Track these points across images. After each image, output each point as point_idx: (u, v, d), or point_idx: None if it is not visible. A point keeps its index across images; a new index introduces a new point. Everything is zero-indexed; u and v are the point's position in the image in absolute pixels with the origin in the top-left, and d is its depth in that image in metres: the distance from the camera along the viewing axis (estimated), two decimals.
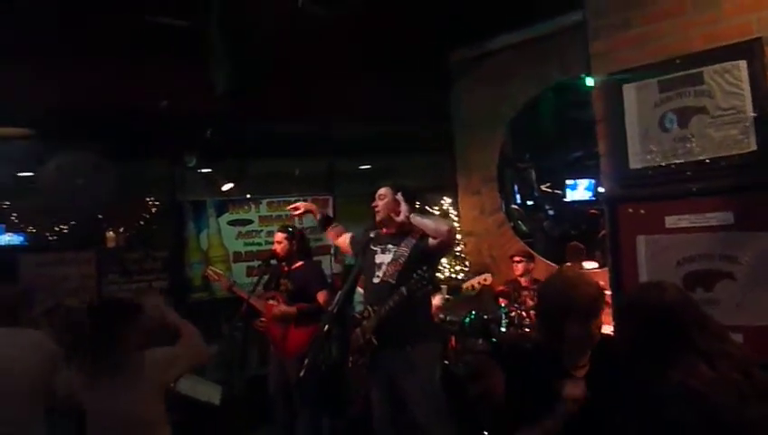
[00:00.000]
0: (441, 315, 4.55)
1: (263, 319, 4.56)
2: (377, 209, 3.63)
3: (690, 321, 1.86)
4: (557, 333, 2.14)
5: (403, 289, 3.25)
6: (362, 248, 3.71)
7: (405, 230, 3.51)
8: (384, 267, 3.50)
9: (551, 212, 9.16)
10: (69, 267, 5.21)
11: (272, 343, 4.60)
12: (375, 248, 3.61)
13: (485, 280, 4.44)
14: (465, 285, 4.45)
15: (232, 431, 4.35)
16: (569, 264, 5.48)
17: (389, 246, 3.55)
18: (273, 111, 5.82)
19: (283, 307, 4.49)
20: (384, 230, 3.64)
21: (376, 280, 3.52)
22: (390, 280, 3.44)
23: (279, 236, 4.63)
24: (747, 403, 1.75)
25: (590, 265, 5.41)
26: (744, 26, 2.58)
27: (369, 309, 3.47)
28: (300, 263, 4.63)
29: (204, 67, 5.15)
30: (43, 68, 4.85)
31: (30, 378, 2.89)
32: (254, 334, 5.06)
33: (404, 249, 3.47)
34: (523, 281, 4.90)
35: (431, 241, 3.39)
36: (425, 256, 3.43)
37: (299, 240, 4.63)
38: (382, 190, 3.65)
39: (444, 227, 3.40)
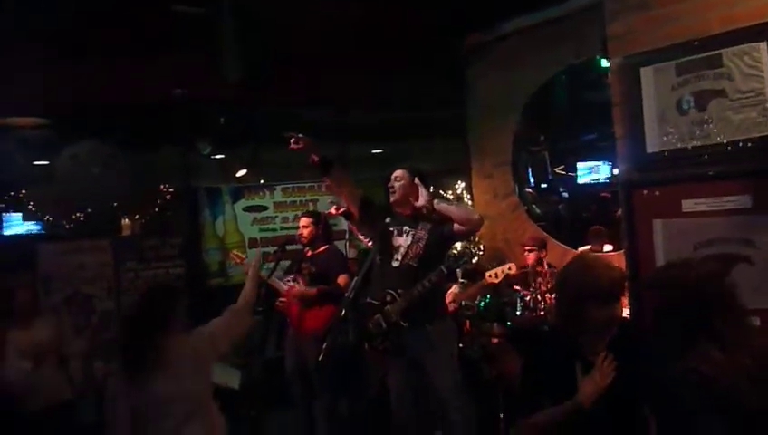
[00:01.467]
0: (460, 302, 4.54)
1: (282, 298, 4.61)
2: (392, 190, 3.61)
3: (711, 302, 1.85)
4: (576, 318, 2.14)
5: (443, 267, 3.30)
6: (380, 233, 3.67)
7: (420, 213, 3.52)
8: (403, 250, 3.51)
9: (564, 195, 9.12)
10: (86, 256, 5.27)
11: (290, 323, 4.66)
12: (392, 229, 3.60)
13: (510, 268, 4.42)
14: (488, 274, 4.43)
15: (250, 416, 4.40)
16: (588, 247, 5.47)
17: (406, 227, 3.55)
18: (286, 97, 5.83)
19: (303, 288, 4.54)
20: (399, 211, 3.64)
21: (395, 263, 3.52)
22: (412, 263, 3.46)
23: (305, 220, 4.67)
24: (759, 389, 1.75)
25: (606, 247, 5.40)
26: (763, 8, 2.55)
27: (393, 293, 3.47)
28: (323, 247, 4.68)
29: (216, 54, 5.17)
30: (58, 57, 4.87)
31: None
32: (273, 319, 5.13)
33: (422, 232, 3.49)
34: (538, 268, 4.87)
35: (456, 227, 3.40)
36: (444, 239, 3.47)
37: (323, 224, 4.68)
38: (398, 172, 3.63)
39: (475, 216, 3.49)
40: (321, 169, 3.74)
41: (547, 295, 4.57)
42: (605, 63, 4.08)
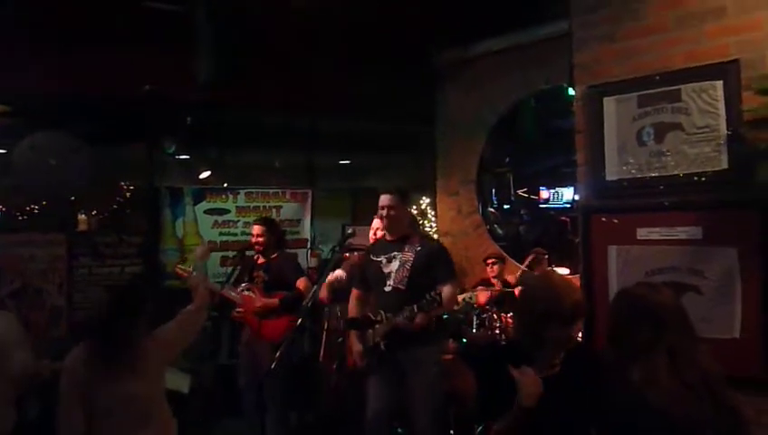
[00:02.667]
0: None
1: (239, 309, 4.55)
2: (383, 220, 3.68)
3: (673, 326, 1.94)
4: (536, 335, 2.19)
5: (415, 307, 3.32)
6: (363, 266, 3.81)
7: (406, 235, 3.64)
8: (393, 275, 3.58)
9: (525, 217, 9.25)
10: (38, 249, 5.13)
11: (250, 332, 4.59)
12: (379, 259, 3.67)
13: (472, 298, 4.52)
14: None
15: (200, 421, 4.33)
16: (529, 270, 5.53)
17: (394, 253, 3.63)
18: (255, 102, 5.80)
19: (265, 300, 4.48)
20: (389, 238, 3.71)
21: (387, 289, 3.59)
22: (400, 286, 3.53)
23: (257, 228, 4.63)
24: (704, 414, 1.81)
25: (561, 271, 5.47)
26: (723, 48, 2.66)
27: (383, 314, 3.53)
28: (275, 254, 4.65)
29: (188, 54, 5.13)
30: (25, 47, 4.77)
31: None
32: (226, 325, 5.06)
33: (409, 254, 3.57)
34: (494, 282, 4.98)
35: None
36: (428, 261, 3.54)
37: (276, 232, 4.67)
38: (389, 201, 3.65)
39: (453, 303, 3.65)
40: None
41: (502, 314, 4.62)
42: (572, 92, 4.19)
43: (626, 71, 2.95)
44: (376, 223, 4.47)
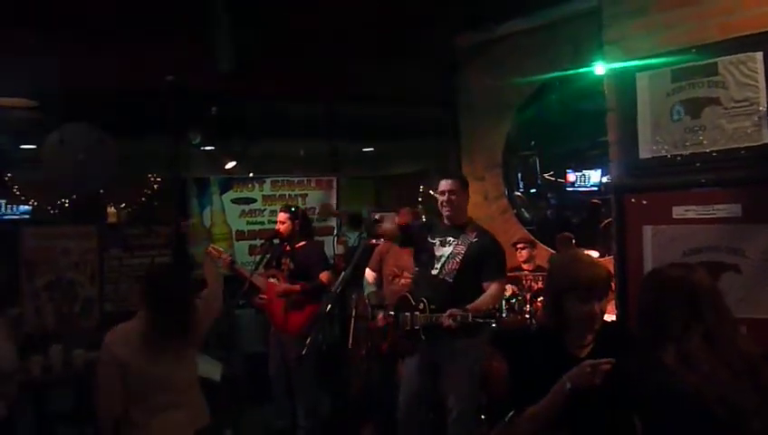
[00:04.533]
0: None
1: (262, 295, 4.59)
2: (445, 205, 3.60)
3: (708, 305, 1.87)
4: (558, 311, 2.15)
5: (451, 321, 3.26)
6: (417, 235, 3.74)
7: (464, 223, 3.59)
8: (443, 261, 3.53)
9: (553, 201, 9.16)
10: (70, 241, 5.19)
11: (271, 321, 4.63)
12: (434, 241, 3.62)
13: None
14: None
15: (232, 409, 4.36)
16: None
17: (449, 238, 3.58)
18: (276, 91, 5.80)
19: (286, 285, 4.52)
20: (445, 222, 3.65)
21: (434, 271, 3.54)
22: (448, 278, 3.49)
23: (282, 215, 4.65)
24: (744, 397, 1.75)
25: (592, 253, 5.41)
26: (761, 18, 2.56)
27: (425, 302, 3.50)
28: (302, 243, 4.65)
29: (210, 44, 5.14)
30: (50, 40, 4.81)
31: None
32: (256, 313, 5.09)
33: (461, 247, 3.51)
34: (525, 267, 4.91)
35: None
36: (479, 257, 3.48)
37: (302, 220, 4.65)
38: (451, 185, 3.59)
39: (497, 299, 3.48)
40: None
41: (533, 298, 4.57)
42: (598, 72, 4.11)
43: (658, 45, 2.87)
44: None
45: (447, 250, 3.54)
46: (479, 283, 3.46)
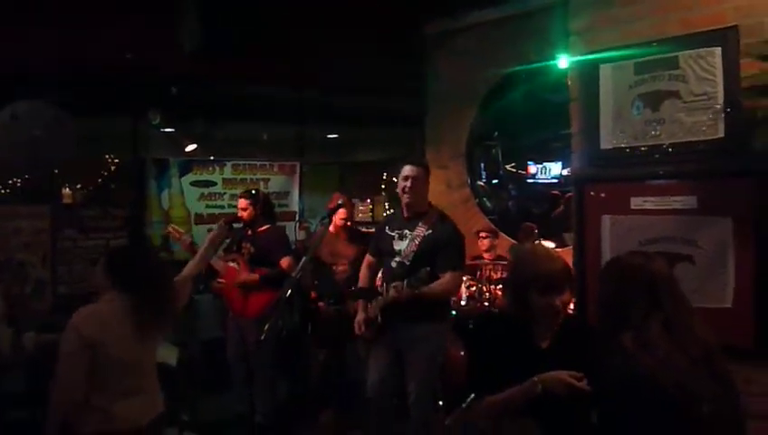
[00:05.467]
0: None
1: (220, 280, 4.53)
2: (405, 192, 3.57)
3: (666, 293, 1.92)
4: (521, 304, 2.18)
5: (405, 282, 3.31)
6: (376, 236, 3.80)
7: (422, 212, 3.58)
8: (402, 251, 3.54)
9: (514, 192, 9.25)
10: (21, 221, 5.04)
11: (229, 306, 4.58)
12: (392, 234, 3.64)
13: None
14: None
15: (189, 394, 4.30)
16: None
17: (406, 231, 3.58)
18: (242, 74, 5.70)
19: (246, 275, 4.46)
20: (405, 214, 3.64)
21: (393, 264, 3.56)
22: (405, 261, 3.50)
23: (242, 202, 4.57)
24: (699, 383, 1.80)
25: (547, 244, 5.49)
26: (721, 14, 2.62)
27: (384, 287, 3.55)
28: (265, 227, 4.59)
29: (173, 23, 5.00)
30: (6, 18, 4.62)
31: None
32: (214, 298, 5.02)
33: (421, 229, 3.52)
34: (486, 256, 4.96)
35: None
36: (435, 246, 3.48)
37: (263, 203, 4.60)
38: (412, 171, 3.56)
39: (452, 286, 3.55)
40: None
41: (492, 287, 4.62)
42: (562, 65, 4.15)
43: (621, 37, 2.91)
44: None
45: (404, 244, 3.55)
46: (435, 271, 3.45)
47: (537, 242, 5.23)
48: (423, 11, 5.63)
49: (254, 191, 4.72)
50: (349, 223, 4.66)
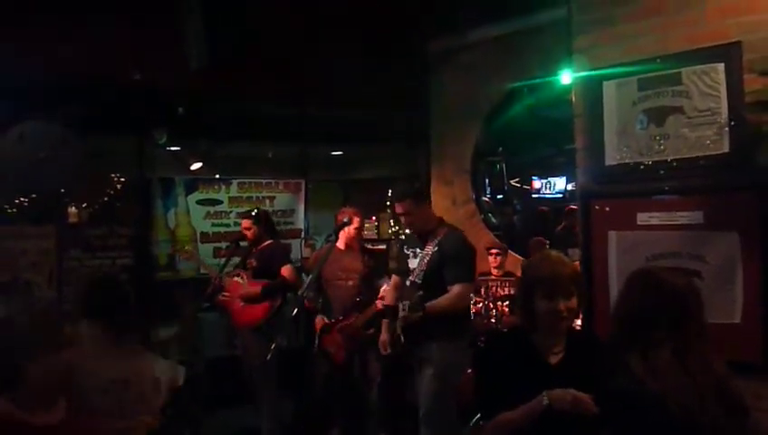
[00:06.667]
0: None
1: (225, 293, 4.67)
2: (405, 225, 3.79)
3: (694, 319, 1.89)
4: (527, 310, 2.17)
5: (407, 304, 3.41)
6: (397, 255, 3.95)
7: (429, 229, 3.63)
8: (415, 270, 3.60)
9: (518, 207, 9.26)
10: (27, 241, 5.05)
11: (232, 318, 4.70)
12: (407, 253, 3.74)
13: None
14: None
15: (193, 412, 4.28)
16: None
17: (417, 250, 3.65)
18: (246, 92, 5.74)
19: (248, 289, 4.57)
20: (417, 234, 3.74)
21: (408, 283, 3.62)
22: (417, 280, 3.55)
23: (245, 222, 4.76)
24: (707, 412, 1.77)
25: None
26: (724, 30, 2.62)
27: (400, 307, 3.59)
28: (267, 243, 4.74)
29: (178, 42, 5.05)
30: (12, 35, 4.67)
31: None
32: (220, 317, 5.03)
33: (429, 248, 3.56)
34: (494, 273, 4.93)
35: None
36: (442, 259, 3.52)
37: (264, 221, 4.78)
38: (401, 208, 3.65)
39: (463, 298, 3.55)
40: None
41: (499, 303, 4.60)
42: (565, 81, 4.17)
43: (625, 54, 2.92)
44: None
45: (416, 262, 3.61)
46: (444, 285, 3.48)
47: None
48: (427, 28, 5.68)
49: (254, 212, 4.89)
50: (362, 233, 4.67)
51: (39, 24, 4.73)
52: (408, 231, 4.12)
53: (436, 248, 3.54)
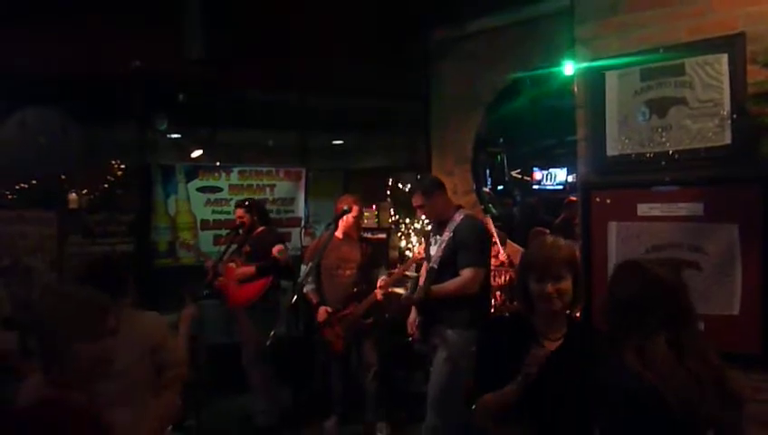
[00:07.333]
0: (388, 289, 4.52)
1: (221, 277, 4.86)
2: (423, 216, 4.06)
3: (683, 309, 1.89)
4: (526, 295, 2.21)
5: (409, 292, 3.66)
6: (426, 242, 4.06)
7: (446, 218, 3.72)
8: (432, 257, 3.70)
9: (518, 198, 9.27)
10: (29, 226, 5.06)
11: (227, 300, 4.89)
12: (431, 240, 3.86)
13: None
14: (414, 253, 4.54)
15: (194, 400, 4.30)
16: None
17: (437, 237, 3.76)
18: (246, 80, 5.72)
19: (244, 268, 4.77)
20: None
21: (429, 269, 3.72)
22: (434, 265, 3.65)
23: (239, 211, 4.94)
24: (705, 404, 1.77)
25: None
26: (730, 21, 2.62)
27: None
28: (260, 229, 4.92)
29: (179, 30, 5.04)
30: (12, 24, 4.66)
31: None
32: (221, 304, 5.05)
33: (446, 234, 3.66)
34: (493, 262, 4.92)
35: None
36: (455, 245, 3.60)
37: (257, 210, 4.97)
38: (416, 201, 3.79)
39: (469, 283, 3.53)
40: None
41: (497, 292, 4.61)
42: (567, 72, 4.16)
43: (628, 45, 2.91)
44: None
45: (434, 249, 3.72)
46: (456, 269, 3.56)
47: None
48: (428, 17, 5.65)
49: (247, 202, 5.05)
50: (360, 222, 4.67)
51: (40, 11, 4.72)
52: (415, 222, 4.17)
53: (451, 235, 3.62)
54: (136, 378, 2.62)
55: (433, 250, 3.73)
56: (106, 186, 6.03)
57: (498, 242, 4.95)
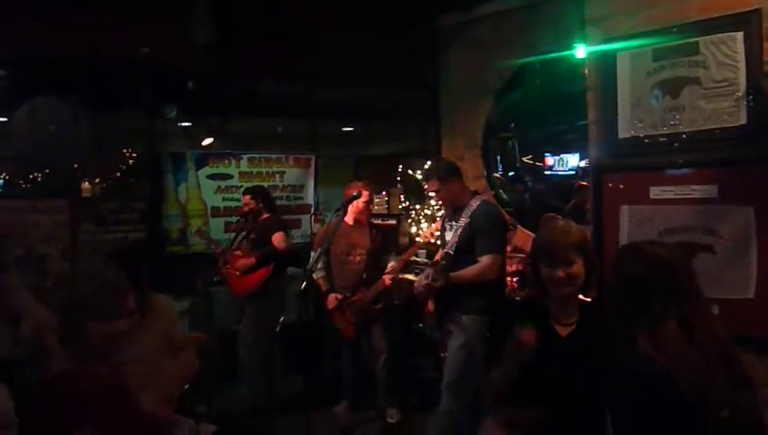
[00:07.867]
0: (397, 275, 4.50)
1: (228, 266, 4.90)
2: (439, 201, 4.04)
3: (687, 288, 1.86)
4: (537, 280, 2.21)
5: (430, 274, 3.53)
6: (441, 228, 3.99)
7: (462, 203, 3.68)
8: (448, 243, 3.66)
9: (530, 184, 9.21)
10: (41, 215, 5.08)
11: (230, 288, 4.92)
12: (446, 226, 3.82)
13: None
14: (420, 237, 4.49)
15: (205, 386, 4.32)
16: None
17: (453, 223, 3.73)
18: (256, 69, 5.70)
19: (243, 260, 4.80)
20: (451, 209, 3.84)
21: (444, 253, 3.70)
22: (450, 251, 3.61)
23: (246, 198, 4.97)
24: (718, 386, 1.74)
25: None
26: None
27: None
28: (265, 216, 4.92)
29: (187, 16, 5.03)
30: (23, 12, 4.66)
31: None
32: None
33: (462, 220, 3.62)
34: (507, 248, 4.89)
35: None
36: (472, 232, 3.57)
37: (263, 197, 4.97)
38: (431, 186, 3.77)
39: (488, 269, 3.50)
40: None
41: (507, 278, 4.58)
42: (579, 55, 4.10)
43: (639, 24, 2.86)
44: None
45: (450, 235, 3.69)
46: (474, 257, 3.54)
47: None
48: (436, 3, 5.59)
49: (254, 188, 5.09)
50: (371, 207, 4.65)
51: (49, 5, 4.72)
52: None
53: (468, 220, 3.59)
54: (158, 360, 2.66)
55: (448, 236, 3.70)
56: (118, 174, 6.06)
57: (510, 227, 4.92)
